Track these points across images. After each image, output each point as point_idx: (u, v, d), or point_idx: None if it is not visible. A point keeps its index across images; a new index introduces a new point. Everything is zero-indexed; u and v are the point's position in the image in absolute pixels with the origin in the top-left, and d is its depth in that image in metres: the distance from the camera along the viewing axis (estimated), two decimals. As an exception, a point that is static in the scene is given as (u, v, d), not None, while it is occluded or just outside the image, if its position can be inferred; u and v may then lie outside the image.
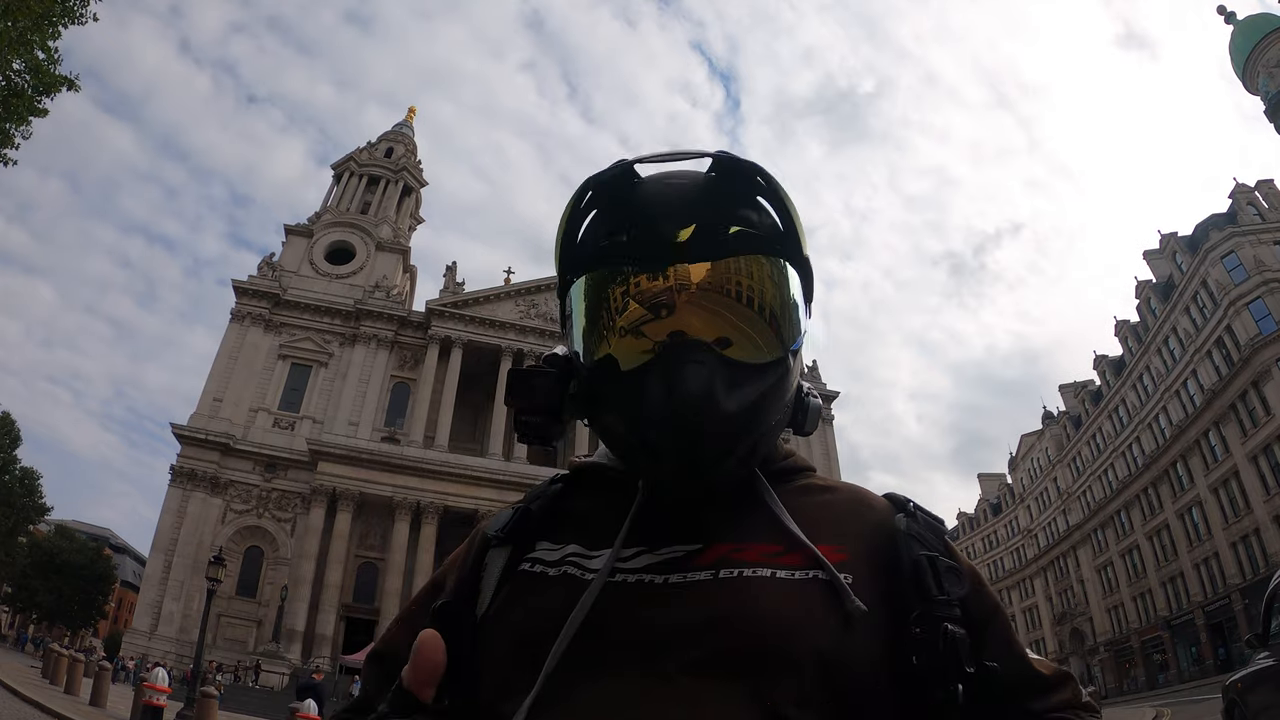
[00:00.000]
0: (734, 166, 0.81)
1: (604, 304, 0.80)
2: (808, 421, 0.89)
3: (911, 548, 0.80)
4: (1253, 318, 37.22)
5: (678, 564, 0.78)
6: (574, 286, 0.84)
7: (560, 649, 0.72)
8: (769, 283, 0.80)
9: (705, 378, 0.73)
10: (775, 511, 0.81)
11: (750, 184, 0.82)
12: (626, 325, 0.78)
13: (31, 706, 14.42)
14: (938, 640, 0.73)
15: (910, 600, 0.76)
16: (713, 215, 0.80)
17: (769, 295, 0.80)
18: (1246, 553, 37.17)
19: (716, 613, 0.73)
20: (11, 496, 45.39)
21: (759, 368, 0.78)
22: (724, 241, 0.79)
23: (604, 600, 0.75)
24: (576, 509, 0.89)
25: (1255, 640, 6.72)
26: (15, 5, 10.49)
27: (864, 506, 0.88)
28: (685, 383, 0.73)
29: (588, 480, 0.93)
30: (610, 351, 0.79)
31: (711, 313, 0.78)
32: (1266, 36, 45.59)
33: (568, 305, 0.85)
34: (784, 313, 0.80)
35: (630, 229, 0.80)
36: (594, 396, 0.82)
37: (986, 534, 75.71)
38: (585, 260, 0.83)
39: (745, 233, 0.80)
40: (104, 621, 67.31)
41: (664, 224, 0.79)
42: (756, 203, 0.82)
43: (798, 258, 0.83)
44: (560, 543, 0.84)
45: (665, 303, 0.77)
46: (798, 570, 0.76)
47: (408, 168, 54.30)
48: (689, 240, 0.78)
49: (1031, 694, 0.80)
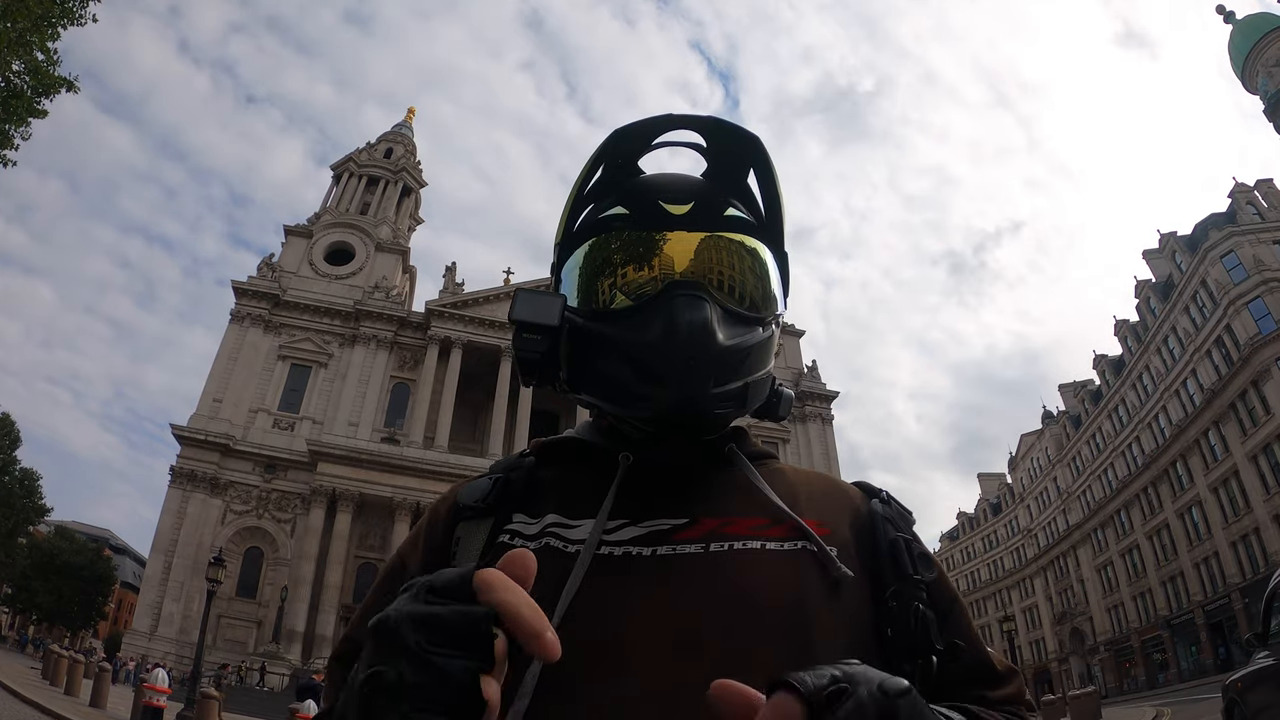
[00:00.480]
0: (737, 135, 0.89)
1: (605, 260, 0.86)
2: (780, 407, 0.94)
3: (888, 529, 0.84)
4: (1252, 317, 37.21)
5: (664, 536, 0.79)
6: (574, 254, 0.89)
7: (555, 622, 0.70)
8: (753, 259, 0.88)
9: (704, 312, 0.78)
10: (758, 485, 0.84)
11: (745, 169, 0.91)
12: (627, 270, 0.85)
13: (31, 708, 14.42)
14: (909, 617, 0.77)
15: (887, 577, 0.81)
16: (709, 196, 0.88)
17: (752, 268, 0.87)
18: (1246, 552, 37.18)
19: (713, 585, 0.75)
20: (11, 497, 45.37)
21: (746, 318, 0.84)
22: (717, 220, 0.87)
23: (594, 572, 0.75)
24: (550, 480, 0.89)
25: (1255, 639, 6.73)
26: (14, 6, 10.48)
27: (839, 491, 0.91)
28: (687, 314, 0.78)
29: (558, 454, 0.93)
30: (610, 295, 0.84)
31: (705, 268, 0.84)
32: (1265, 36, 45.61)
33: (564, 275, 0.89)
34: (765, 286, 0.87)
35: (632, 202, 0.87)
36: (591, 340, 0.84)
37: (986, 534, 75.67)
38: (586, 231, 0.89)
39: (736, 217, 0.89)
40: (104, 622, 67.28)
41: (664, 199, 0.87)
42: (748, 194, 0.92)
43: (778, 250, 0.91)
44: (537, 515, 0.84)
45: (662, 254, 0.84)
46: (786, 541, 0.79)
47: (407, 168, 54.30)
48: (687, 214, 0.86)
49: (984, 682, 0.83)
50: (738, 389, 0.83)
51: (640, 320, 0.80)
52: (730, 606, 0.73)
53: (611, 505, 0.81)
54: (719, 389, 0.80)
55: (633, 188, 0.89)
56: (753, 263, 0.87)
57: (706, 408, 0.80)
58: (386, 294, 44.52)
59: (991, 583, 72.01)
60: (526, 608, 0.46)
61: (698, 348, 0.77)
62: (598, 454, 0.89)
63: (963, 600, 0.87)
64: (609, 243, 0.86)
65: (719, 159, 0.91)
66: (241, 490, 38.28)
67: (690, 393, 0.78)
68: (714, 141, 0.90)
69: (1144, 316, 48.98)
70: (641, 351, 0.79)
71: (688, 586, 0.75)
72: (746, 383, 0.84)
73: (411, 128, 59.51)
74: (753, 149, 0.89)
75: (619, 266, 0.85)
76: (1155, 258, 47.92)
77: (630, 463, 0.85)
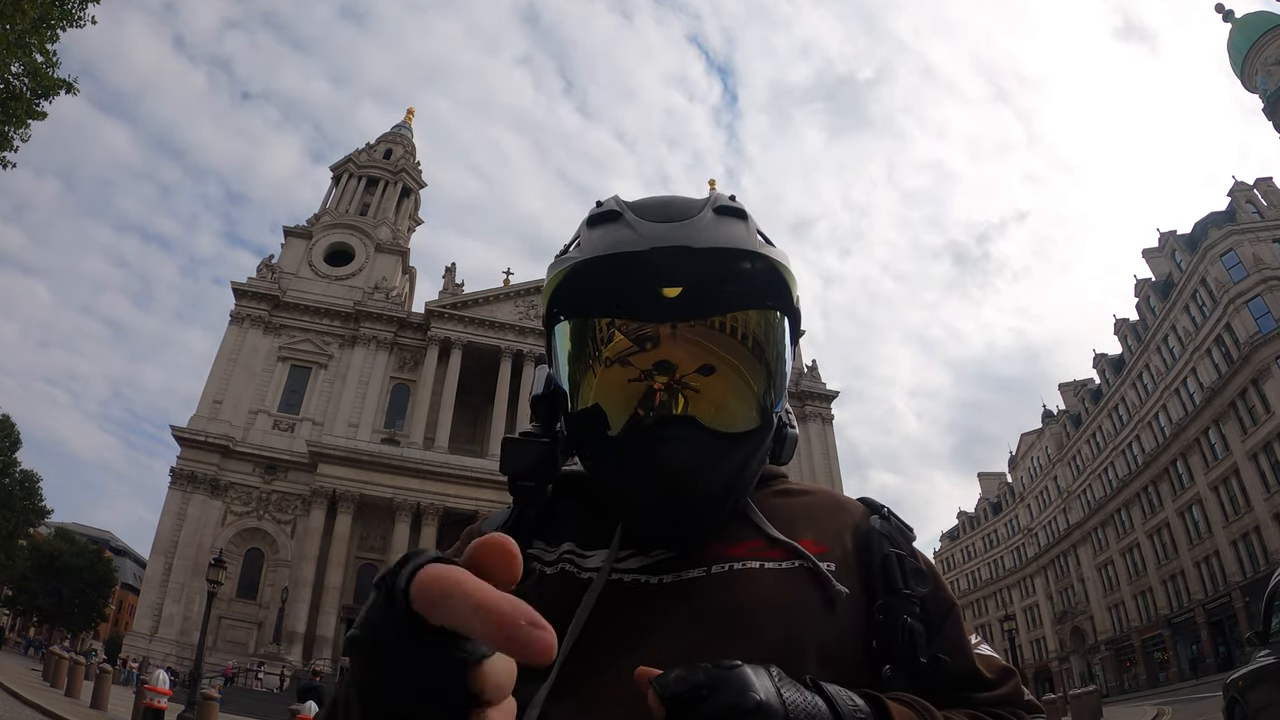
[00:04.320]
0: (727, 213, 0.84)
1: (587, 358, 0.84)
2: (784, 453, 0.92)
3: (883, 545, 0.87)
4: (1252, 316, 37.19)
5: (670, 565, 0.83)
6: (559, 328, 0.86)
7: (570, 642, 0.75)
8: (763, 344, 0.84)
9: (690, 454, 0.78)
10: (753, 519, 0.87)
11: (741, 231, 0.83)
12: (612, 355, 0.83)
13: (32, 709, 14.41)
14: (896, 630, 0.81)
15: (878, 591, 0.84)
16: (703, 271, 0.80)
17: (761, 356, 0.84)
18: (1247, 551, 37.17)
19: (715, 604, 0.79)
20: (12, 499, 45.31)
21: (748, 433, 0.83)
22: (712, 298, 0.81)
23: (604, 598, 0.80)
24: (567, 512, 0.93)
25: (1256, 638, 6.73)
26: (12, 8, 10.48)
27: (840, 508, 0.93)
28: (672, 461, 0.78)
29: (577, 487, 0.96)
30: (596, 387, 0.83)
31: (695, 344, 0.82)
32: (1265, 34, 45.60)
33: (554, 340, 0.88)
34: (775, 374, 0.85)
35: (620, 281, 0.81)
36: (583, 442, 0.87)
37: (987, 533, 75.65)
38: (574, 303, 0.84)
39: (733, 291, 0.82)
40: (104, 624, 67.26)
41: (654, 279, 0.80)
42: (746, 253, 0.81)
43: (788, 305, 0.87)
44: (554, 543, 0.89)
45: (650, 336, 0.82)
46: (784, 561, 0.83)
47: (407, 169, 54.30)
48: (679, 297, 0.80)
49: (973, 687, 0.86)
50: (730, 504, 0.86)
51: (625, 454, 0.82)
52: (730, 622, 0.77)
53: (620, 539, 0.85)
54: (711, 515, 0.84)
55: (622, 260, 0.81)
56: (759, 350, 0.84)
57: (698, 521, 0.84)
58: (386, 295, 44.51)
59: (992, 582, 71.99)
60: (484, 610, 0.37)
61: (684, 490, 0.79)
62: None
63: (958, 611, 0.90)
64: (591, 337, 0.84)
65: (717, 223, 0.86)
66: (242, 491, 38.27)
67: (679, 520, 0.82)
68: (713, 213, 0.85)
69: (1144, 315, 48.98)
70: (626, 488, 0.83)
71: (691, 607, 0.79)
72: (744, 482, 0.86)
73: (411, 128, 59.51)
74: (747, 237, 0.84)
75: (601, 347, 0.84)
76: (1155, 256, 47.91)
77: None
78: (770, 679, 0.62)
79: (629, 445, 0.81)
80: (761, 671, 0.62)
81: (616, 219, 0.83)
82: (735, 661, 0.61)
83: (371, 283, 45.33)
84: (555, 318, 0.87)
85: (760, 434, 0.84)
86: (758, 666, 0.63)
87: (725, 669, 0.60)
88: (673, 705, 0.58)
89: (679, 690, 0.58)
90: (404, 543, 36.52)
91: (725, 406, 0.83)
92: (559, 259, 0.86)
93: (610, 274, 0.81)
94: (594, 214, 0.86)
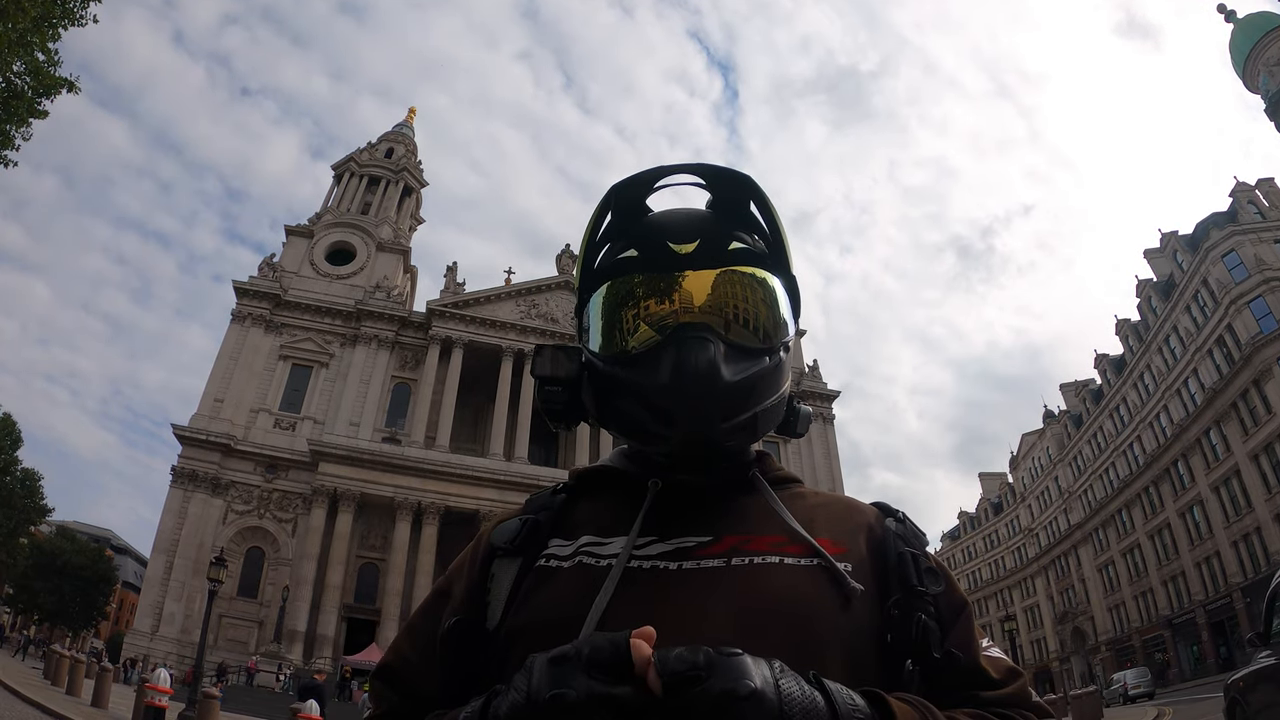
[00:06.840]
0: (730, 179, 0.94)
1: (619, 305, 0.92)
2: (799, 424, 1.00)
3: (898, 544, 0.91)
4: (1253, 316, 37.17)
5: (689, 552, 0.86)
6: (593, 297, 0.95)
7: (590, 628, 0.77)
8: (760, 289, 0.92)
9: (710, 352, 0.84)
10: (775, 508, 0.90)
11: (745, 202, 0.95)
12: (639, 314, 0.90)
13: (33, 708, 14.43)
14: (910, 626, 0.84)
15: (893, 588, 0.87)
16: (714, 231, 0.92)
17: (760, 298, 0.92)
18: (1248, 551, 37.14)
19: (734, 595, 0.81)
20: (13, 498, 45.35)
21: (754, 351, 0.89)
22: (723, 255, 0.91)
23: (623, 584, 0.82)
24: (585, 509, 0.97)
25: (1256, 639, 6.73)
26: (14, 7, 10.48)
27: (856, 511, 0.97)
28: (692, 355, 0.84)
29: (594, 484, 1.01)
30: (624, 341, 0.90)
31: (712, 305, 0.89)
32: (1266, 35, 45.57)
33: (585, 317, 0.96)
34: (773, 314, 0.92)
35: (641, 245, 0.92)
36: (610, 382, 0.91)
37: (988, 533, 75.67)
38: (601, 274, 0.95)
39: (741, 249, 0.93)
40: (105, 623, 67.35)
41: (671, 239, 0.91)
42: (751, 224, 0.95)
43: (786, 275, 0.96)
44: (572, 539, 0.92)
45: (670, 297, 0.90)
46: (803, 558, 0.85)
47: (408, 168, 54.35)
48: (693, 252, 0.91)
49: (979, 686, 0.87)
50: (747, 419, 0.88)
51: (651, 363, 0.87)
52: (748, 615, 0.79)
53: (641, 525, 0.88)
54: (728, 423, 0.86)
55: (641, 230, 0.94)
56: (758, 293, 0.92)
57: (717, 442, 0.87)
58: (388, 294, 44.54)
59: (993, 582, 71.99)
60: None
61: (703, 387, 0.83)
62: (629, 480, 0.96)
63: (969, 612, 0.92)
64: (620, 288, 0.92)
65: (720, 194, 0.96)
66: (243, 490, 38.31)
67: (699, 430, 0.85)
68: (710, 183, 0.96)
69: (1145, 316, 48.94)
70: (652, 393, 0.86)
71: (710, 596, 0.81)
72: (756, 413, 0.89)
73: (412, 128, 59.59)
74: (747, 188, 0.94)
75: (630, 310, 0.91)
76: (1156, 257, 47.90)
77: (659, 488, 0.92)
78: (770, 670, 0.64)
79: (653, 355, 0.87)
80: (762, 662, 0.64)
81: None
82: (736, 650, 0.63)
83: (373, 282, 45.36)
84: (585, 299, 0.96)
85: (770, 355, 0.90)
86: (759, 658, 0.64)
87: (725, 655, 0.62)
88: (670, 683, 0.60)
89: (678, 669, 0.60)
90: (405, 542, 36.60)
91: (735, 329, 0.89)
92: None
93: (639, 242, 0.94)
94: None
